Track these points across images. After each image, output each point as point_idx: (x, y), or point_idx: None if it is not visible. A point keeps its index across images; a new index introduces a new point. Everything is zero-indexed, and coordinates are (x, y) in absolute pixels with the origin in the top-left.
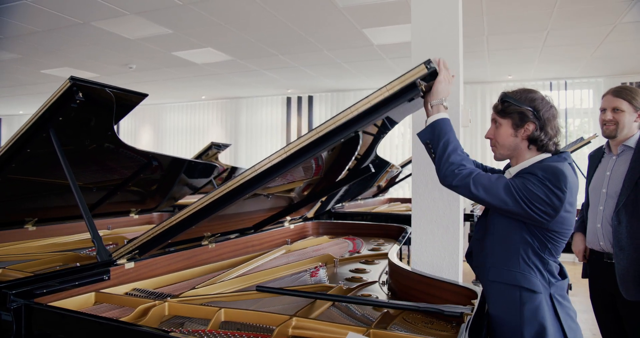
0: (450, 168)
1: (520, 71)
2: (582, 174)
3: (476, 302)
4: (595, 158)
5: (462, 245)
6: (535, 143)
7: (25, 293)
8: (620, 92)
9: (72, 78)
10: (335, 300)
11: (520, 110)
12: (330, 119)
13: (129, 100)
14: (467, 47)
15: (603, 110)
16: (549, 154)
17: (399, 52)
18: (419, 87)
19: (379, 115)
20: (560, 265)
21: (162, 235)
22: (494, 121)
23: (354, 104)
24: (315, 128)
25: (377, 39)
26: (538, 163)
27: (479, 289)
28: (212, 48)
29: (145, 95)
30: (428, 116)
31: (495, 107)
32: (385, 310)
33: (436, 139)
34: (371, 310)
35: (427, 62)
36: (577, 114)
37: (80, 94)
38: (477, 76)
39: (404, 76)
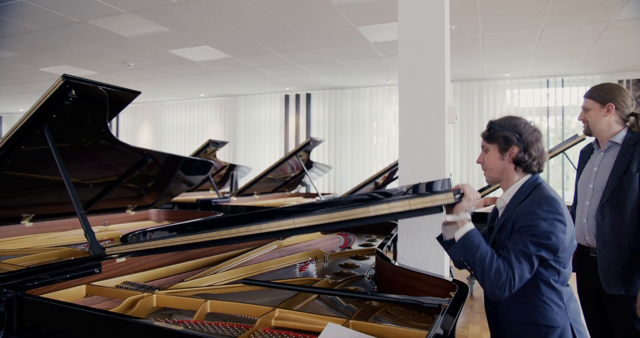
0: (491, 285)
1: (517, 68)
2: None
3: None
4: (586, 154)
5: None
6: (520, 164)
7: (17, 285)
8: (590, 91)
9: (64, 76)
10: (319, 293)
11: (504, 135)
12: (348, 209)
13: (122, 97)
14: (463, 45)
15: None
16: (530, 175)
17: (394, 50)
18: (441, 209)
19: (394, 218)
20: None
21: (159, 249)
22: (483, 147)
23: (375, 205)
24: (331, 213)
25: (373, 37)
26: (522, 188)
27: (461, 282)
28: (209, 46)
29: (137, 93)
30: (445, 223)
31: (483, 134)
32: (368, 303)
33: (470, 255)
34: (356, 303)
35: (457, 192)
36: (575, 112)
37: (73, 92)
38: (473, 73)
39: (429, 197)
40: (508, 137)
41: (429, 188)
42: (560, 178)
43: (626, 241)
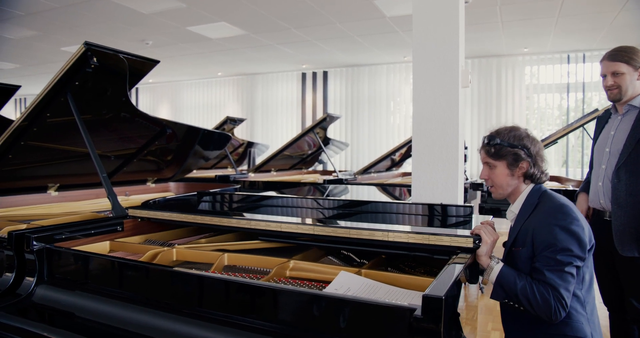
0: (546, 314)
1: (536, 43)
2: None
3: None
4: (602, 119)
5: None
6: (532, 178)
7: (46, 237)
8: (616, 55)
9: (86, 43)
10: (333, 246)
11: (513, 152)
12: (368, 229)
13: (141, 66)
14: (480, 18)
15: (604, 76)
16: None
17: (411, 25)
18: (458, 249)
19: (408, 248)
20: None
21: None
22: (486, 163)
23: (394, 232)
24: (351, 229)
25: (389, 11)
26: (528, 198)
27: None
28: (226, 22)
29: (157, 61)
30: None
31: (486, 151)
32: (381, 258)
33: (512, 293)
34: (369, 259)
35: (477, 238)
36: (596, 88)
37: (95, 59)
38: (491, 49)
39: (448, 238)
40: (517, 153)
41: (444, 211)
42: (580, 159)
43: None
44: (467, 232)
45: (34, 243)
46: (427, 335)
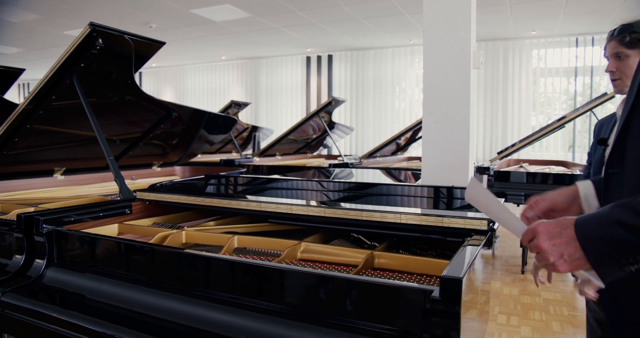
0: None
1: (545, 26)
2: None
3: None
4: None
5: None
6: None
7: (55, 220)
8: None
9: (91, 24)
10: (344, 227)
11: None
12: (380, 211)
13: (146, 48)
14: (488, 1)
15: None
16: None
17: (418, 7)
18: (472, 232)
19: (420, 230)
20: None
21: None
22: (616, 55)
23: (407, 214)
24: (362, 211)
25: None
26: None
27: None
28: (230, 4)
29: (162, 43)
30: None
31: (619, 40)
32: (392, 241)
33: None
34: (380, 242)
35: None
36: (604, 72)
37: (100, 41)
38: (499, 32)
39: (462, 220)
40: None
41: (455, 194)
42: (587, 144)
43: None
44: (480, 214)
45: (43, 225)
46: (446, 317)
